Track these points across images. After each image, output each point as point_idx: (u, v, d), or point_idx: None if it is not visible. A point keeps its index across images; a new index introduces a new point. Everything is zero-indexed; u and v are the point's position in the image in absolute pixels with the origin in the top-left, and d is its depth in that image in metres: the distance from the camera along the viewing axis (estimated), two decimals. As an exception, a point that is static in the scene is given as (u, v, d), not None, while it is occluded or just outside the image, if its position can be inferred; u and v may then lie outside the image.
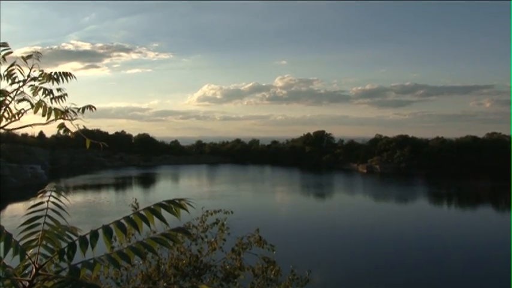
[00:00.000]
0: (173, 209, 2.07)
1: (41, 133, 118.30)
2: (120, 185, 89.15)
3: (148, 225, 2.06)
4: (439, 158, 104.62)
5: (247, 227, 9.74)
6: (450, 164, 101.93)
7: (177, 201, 2.07)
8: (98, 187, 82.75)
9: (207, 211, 9.36)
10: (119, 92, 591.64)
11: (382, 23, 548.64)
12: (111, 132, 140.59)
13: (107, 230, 2.03)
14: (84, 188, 79.07)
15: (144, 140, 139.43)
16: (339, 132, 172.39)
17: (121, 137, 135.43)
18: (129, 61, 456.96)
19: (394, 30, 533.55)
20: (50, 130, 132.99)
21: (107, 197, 72.24)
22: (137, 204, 9.47)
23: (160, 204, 2.07)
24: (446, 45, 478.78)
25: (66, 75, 3.87)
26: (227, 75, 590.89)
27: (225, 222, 9.34)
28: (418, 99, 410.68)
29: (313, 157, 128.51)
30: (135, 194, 63.68)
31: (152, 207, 2.08)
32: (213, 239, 9.06)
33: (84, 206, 58.51)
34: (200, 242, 9.00)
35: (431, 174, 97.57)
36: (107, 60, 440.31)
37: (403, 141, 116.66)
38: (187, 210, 2.12)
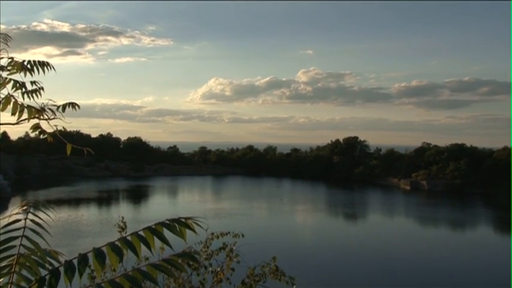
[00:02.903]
0: (178, 229, 2.12)
1: (5, 134, 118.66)
2: (104, 200, 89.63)
3: (149, 249, 2.10)
4: (507, 173, 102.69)
5: (261, 254, 9.75)
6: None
7: (183, 219, 2.12)
8: (76, 202, 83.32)
9: (212, 234, 9.38)
10: (105, 86, 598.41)
11: (434, 2, 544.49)
12: (94, 134, 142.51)
13: (99, 253, 2.07)
14: (58, 203, 79.53)
15: (136, 145, 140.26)
16: (376, 139, 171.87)
17: (107, 141, 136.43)
18: (119, 47, 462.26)
19: (450, 11, 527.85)
20: (17, 131, 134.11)
21: (87, 214, 72.64)
22: (124, 224, 9.51)
23: (162, 224, 2.12)
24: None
25: (43, 65, 3.82)
26: (239, 68, 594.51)
27: (234, 248, 9.36)
28: (480, 99, 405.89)
29: (343, 169, 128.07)
30: (123, 212, 64.04)
31: (153, 226, 2.13)
32: (218, 268, 9.07)
33: (56, 225, 58.88)
34: (203, 271, 9.02)
35: (496, 194, 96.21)
36: (90, 46, 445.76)
37: (459, 151, 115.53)
38: (194, 231, 2.16)
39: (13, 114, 3.51)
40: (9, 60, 3.65)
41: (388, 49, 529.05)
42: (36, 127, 3.62)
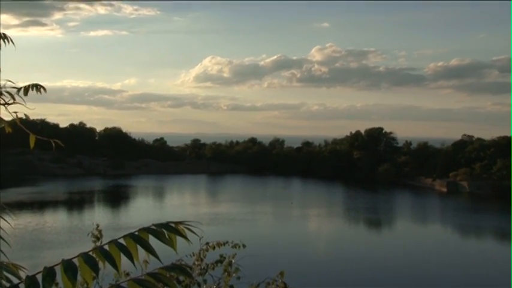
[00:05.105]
0: (166, 236, 2.09)
1: None
2: (75, 203, 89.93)
3: (132, 261, 2.07)
4: None
5: (266, 268, 9.76)
6: None
7: (172, 224, 2.09)
8: (40, 206, 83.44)
9: (207, 243, 9.38)
10: (77, 65, 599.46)
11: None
12: (63, 124, 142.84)
13: (69, 266, 2.05)
14: (19, 207, 79.41)
15: (114, 136, 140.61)
16: (405, 131, 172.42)
17: (79, 132, 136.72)
18: (94, 18, 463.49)
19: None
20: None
21: (52, 221, 72.76)
22: (100, 232, 9.51)
23: (147, 230, 2.09)
24: None
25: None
26: (239, 44, 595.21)
27: (233, 261, 9.36)
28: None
29: (364, 167, 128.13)
30: (97, 218, 64.24)
31: (136, 233, 2.10)
32: (215, 286, 9.09)
33: (16, 234, 58.86)
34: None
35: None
36: (58, 15, 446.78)
37: (508, 145, 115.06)
38: (186, 238, 2.13)
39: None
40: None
41: (421, 21, 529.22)
42: (-8, 115, 3.57)
